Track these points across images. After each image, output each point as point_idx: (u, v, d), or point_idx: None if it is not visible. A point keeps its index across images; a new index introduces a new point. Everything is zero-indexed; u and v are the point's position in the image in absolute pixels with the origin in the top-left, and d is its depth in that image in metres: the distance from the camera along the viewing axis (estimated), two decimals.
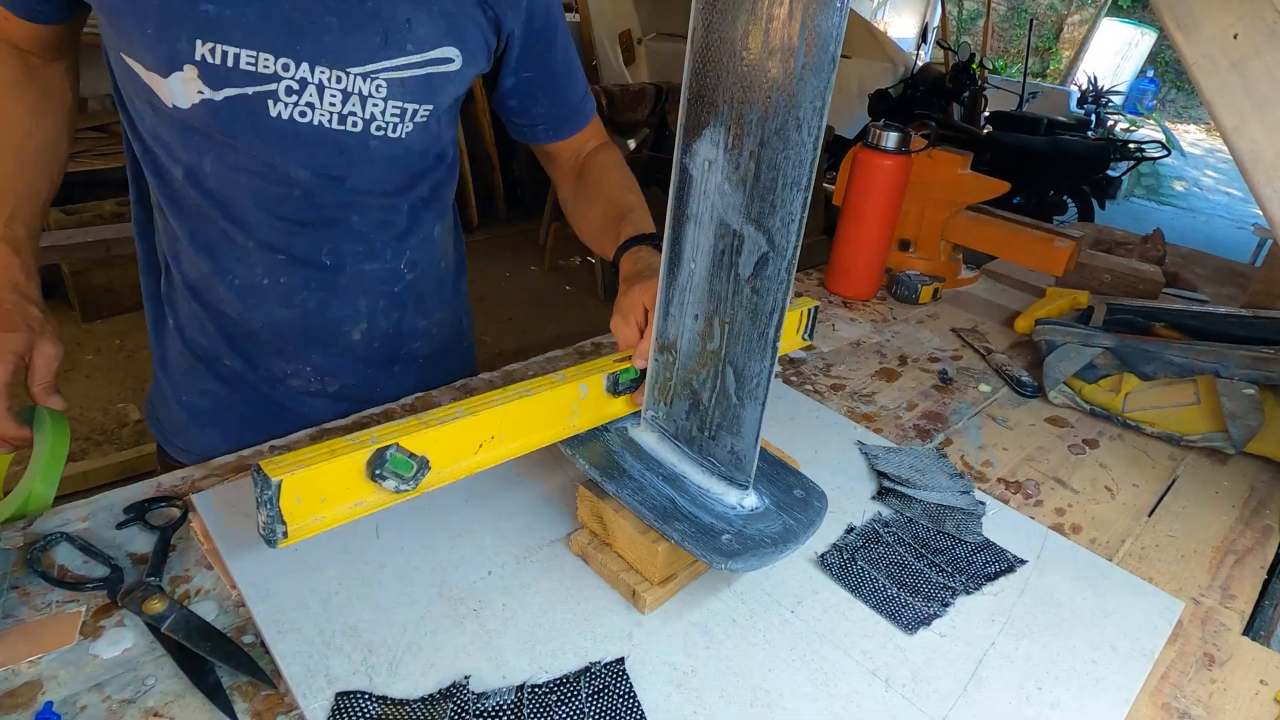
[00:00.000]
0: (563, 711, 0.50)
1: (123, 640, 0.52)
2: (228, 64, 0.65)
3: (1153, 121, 8.07)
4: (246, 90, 0.67)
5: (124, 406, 2.35)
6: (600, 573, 0.62)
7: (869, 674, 0.56)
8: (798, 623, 0.59)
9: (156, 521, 0.62)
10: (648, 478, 0.63)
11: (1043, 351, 1.01)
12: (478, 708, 0.49)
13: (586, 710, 0.50)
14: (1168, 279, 1.38)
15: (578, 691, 0.51)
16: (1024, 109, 5.71)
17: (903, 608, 0.61)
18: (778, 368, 0.56)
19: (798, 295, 0.93)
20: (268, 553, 0.59)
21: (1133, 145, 4.92)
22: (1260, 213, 0.64)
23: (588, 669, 0.53)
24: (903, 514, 0.72)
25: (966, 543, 0.69)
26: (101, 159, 2.75)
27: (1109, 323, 1.10)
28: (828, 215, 3.73)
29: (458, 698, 0.50)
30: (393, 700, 0.49)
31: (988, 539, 0.70)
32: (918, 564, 0.66)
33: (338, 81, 0.69)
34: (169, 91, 0.66)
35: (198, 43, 0.63)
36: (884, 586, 0.63)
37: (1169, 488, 0.84)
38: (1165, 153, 4.76)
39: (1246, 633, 0.65)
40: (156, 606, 0.53)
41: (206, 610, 0.55)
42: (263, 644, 0.53)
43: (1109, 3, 9.82)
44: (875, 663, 0.56)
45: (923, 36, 6.69)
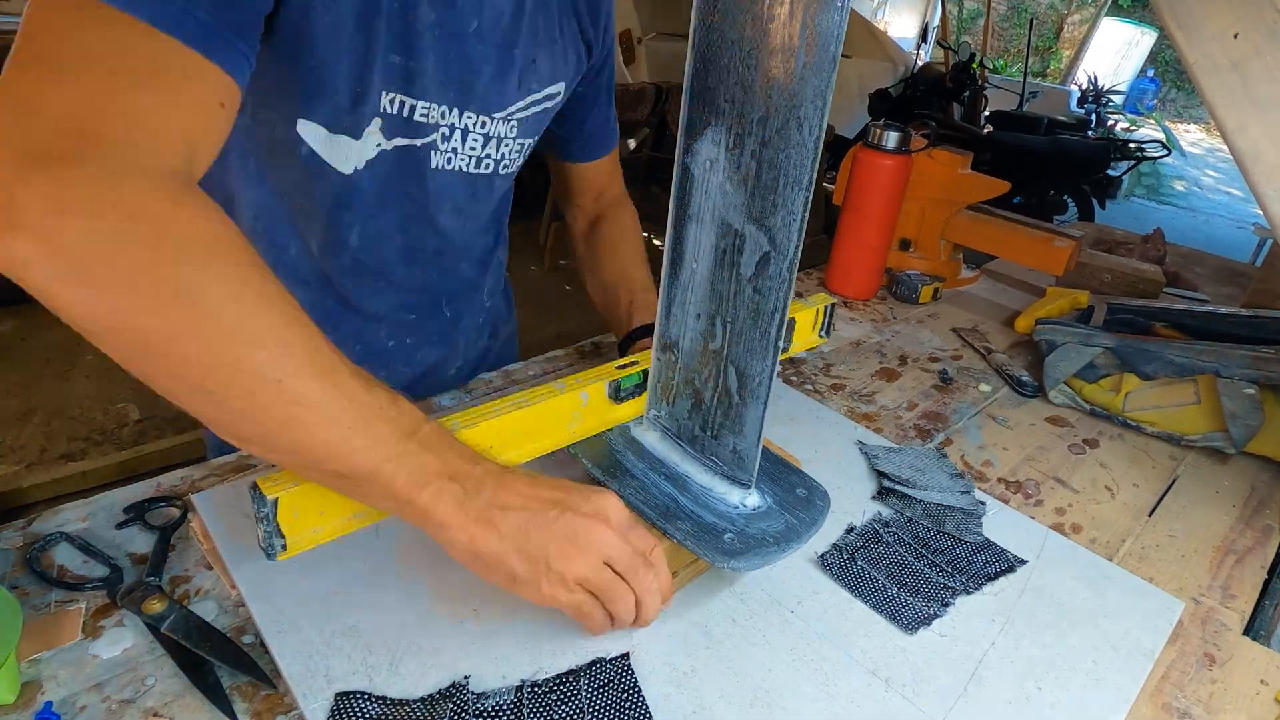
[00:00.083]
0: (563, 710, 0.50)
1: (122, 640, 0.52)
2: (404, 114, 0.63)
3: (1153, 121, 8.07)
4: (416, 141, 0.66)
5: (124, 406, 2.35)
6: None
7: (869, 674, 0.55)
8: (798, 622, 0.59)
9: (156, 521, 0.62)
10: (650, 477, 0.63)
11: (1043, 351, 1.01)
12: (478, 708, 0.49)
13: (587, 708, 0.50)
14: (1168, 279, 1.38)
15: (578, 690, 0.51)
16: (1024, 108, 5.71)
17: (903, 607, 0.61)
18: (778, 367, 0.56)
19: (799, 295, 0.93)
20: None
21: (1133, 145, 4.92)
22: (1260, 212, 0.64)
23: (593, 663, 0.53)
24: (903, 514, 0.72)
25: (967, 542, 0.69)
26: None
27: (1109, 322, 1.10)
28: (828, 215, 3.72)
29: (458, 698, 0.49)
30: (392, 700, 0.49)
31: (988, 539, 0.70)
32: (918, 564, 0.66)
33: (481, 126, 0.68)
34: (350, 153, 0.64)
35: (383, 94, 0.62)
36: (884, 586, 0.63)
37: (1169, 487, 0.84)
38: (1165, 152, 4.76)
39: (1247, 633, 0.65)
40: (156, 606, 0.53)
41: (206, 610, 0.55)
42: (262, 644, 0.53)
43: (1109, 2, 9.82)
44: (875, 662, 0.56)
45: (923, 36, 6.69)
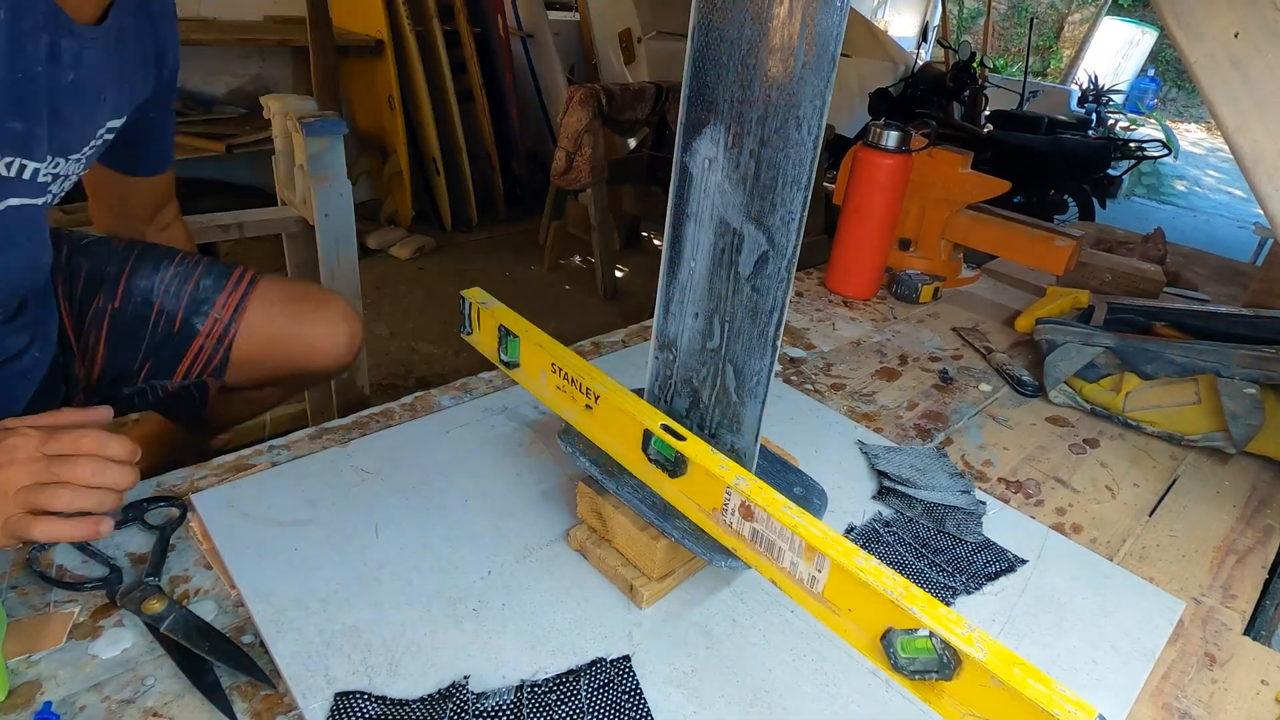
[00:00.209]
0: (563, 710, 0.50)
1: (122, 640, 0.52)
2: (21, 175, 0.63)
3: (1154, 121, 8.07)
4: (34, 201, 0.65)
5: None
6: (598, 567, 0.62)
7: (869, 673, 0.55)
8: (798, 622, 0.59)
9: (155, 521, 0.62)
10: None
11: (1043, 351, 1.01)
12: (477, 708, 0.49)
13: (587, 708, 0.50)
14: (1169, 278, 1.38)
15: (578, 690, 0.51)
16: (1024, 108, 5.70)
17: None
18: (778, 367, 0.56)
19: (798, 294, 0.93)
20: (267, 553, 0.59)
21: (1134, 144, 4.91)
22: (1261, 212, 0.64)
23: (593, 664, 0.53)
24: (903, 513, 0.72)
25: (967, 542, 0.69)
26: None
27: (1110, 322, 1.10)
28: (828, 214, 3.72)
29: (457, 698, 0.49)
30: (392, 700, 0.49)
31: (988, 539, 0.70)
32: (918, 563, 0.66)
33: (55, 166, 0.67)
34: None
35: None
36: None
37: (1170, 487, 0.83)
38: (1166, 152, 4.76)
39: (1247, 632, 0.65)
40: (155, 606, 0.53)
41: (205, 610, 0.55)
42: (262, 644, 0.53)
43: (1110, 1, 9.82)
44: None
45: (923, 35, 6.68)
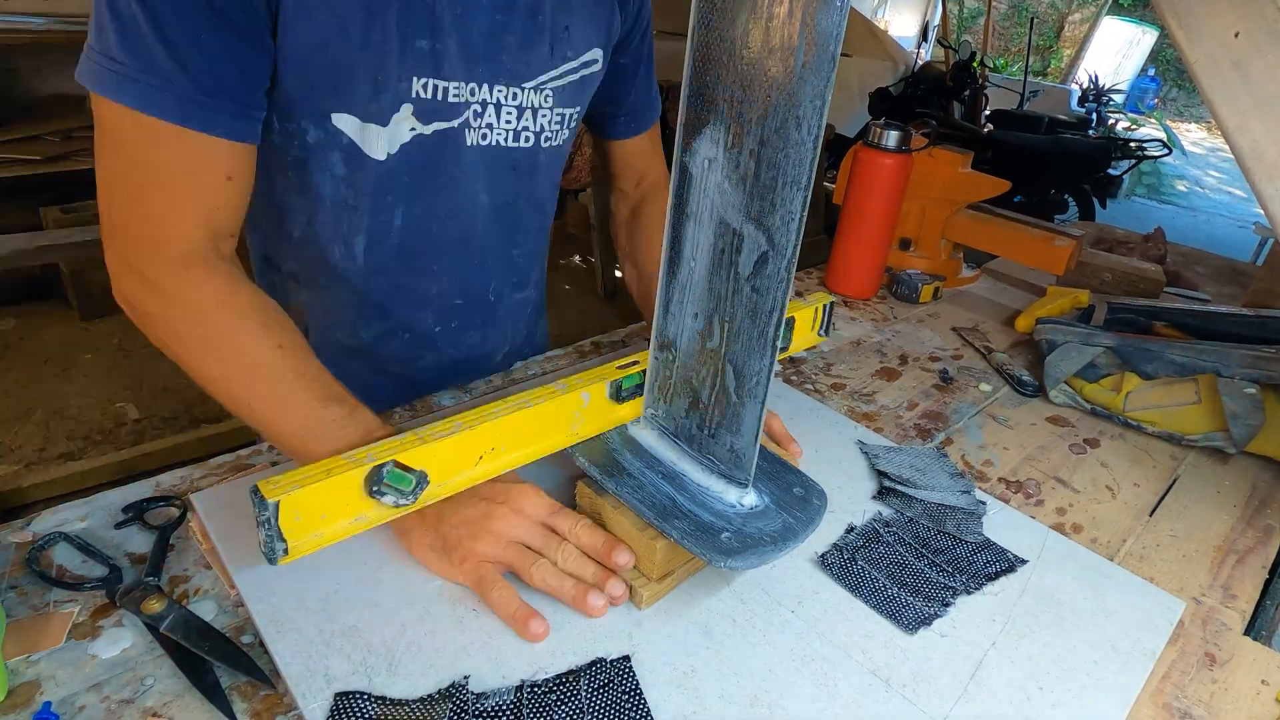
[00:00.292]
0: (563, 710, 0.50)
1: (121, 640, 0.52)
2: (437, 98, 0.65)
3: (1154, 120, 8.06)
4: (453, 123, 0.66)
5: (122, 406, 2.35)
6: None
7: (869, 674, 0.55)
8: (798, 623, 0.59)
9: (155, 521, 0.62)
10: (647, 475, 0.62)
11: (1043, 350, 1.01)
12: (477, 708, 0.49)
13: (587, 708, 0.50)
14: (1169, 278, 1.38)
15: (578, 690, 0.51)
16: (1025, 107, 5.70)
17: (903, 607, 0.61)
18: (778, 366, 0.56)
19: (799, 294, 0.93)
20: None
21: (1134, 144, 4.91)
22: (1261, 211, 0.64)
23: (593, 664, 0.53)
24: (903, 513, 0.72)
25: (967, 542, 0.69)
26: None
27: (1110, 322, 1.10)
28: (828, 214, 3.72)
29: (457, 698, 0.49)
30: (392, 700, 0.49)
31: (988, 539, 0.70)
32: (918, 564, 0.66)
33: (513, 99, 0.68)
34: (381, 141, 0.65)
35: (414, 80, 0.63)
36: (884, 586, 0.63)
37: (1170, 487, 0.83)
38: (1166, 151, 4.76)
39: (1248, 632, 0.64)
40: (155, 606, 0.53)
41: (205, 610, 0.55)
42: (261, 644, 0.53)
43: (1110, 1, 9.81)
44: (875, 662, 0.56)
45: (923, 35, 6.68)
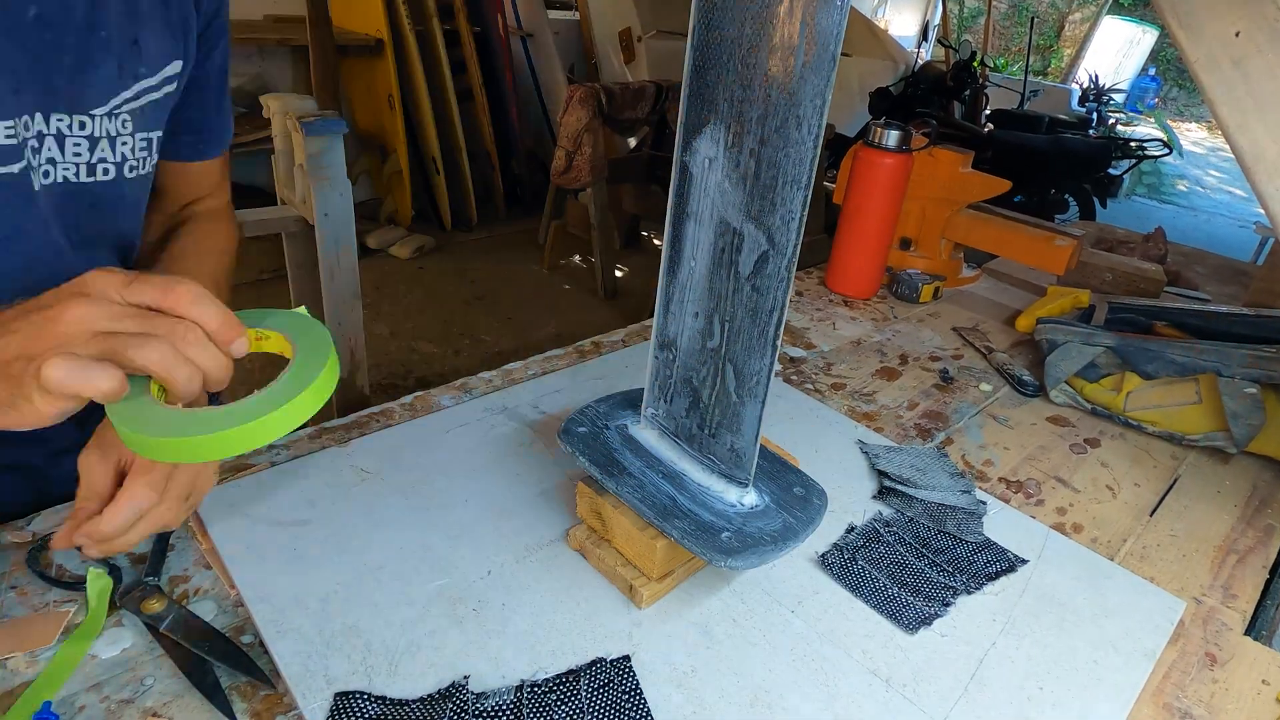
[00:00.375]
0: (563, 710, 0.50)
1: (121, 640, 0.52)
2: None
3: (1154, 120, 8.06)
4: (13, 168, 0.55)
5: None
6: (598, 567, 0.62)
7: (869, 674, 0.55)
8: (798, 622, 0.59)
9: None
10: (647, 475, 0.62)
11: (1044, 350, 1.01)
12: (477, 708, 0.49)
13: (587, 708, 0.50)
14: (1169, 278, 1.38)
15: (578, 690, 0.51)
16: (1025, 107, 5.70)
17: (904, 607, 0.61)
18: (778, 366, 0.56)
19: (798, 294, 0.93)
20: (266, 553, 0.59)
21: (1134, 144, 4.91)
22: (1262, 211, 0.64)
23: (593, 664, 0.53)
24: (904, 513, 0.72)
25: (967, 542, 0.69)
26: None
27: (1110, 321, 1.10)
28: (828, 214, 3.72)
29: (457, 698, 0.49)
30: (392, 700, 0.49)
31: (989, 538, 0.70)
32: (918, 563, 0.66)
33: (81, 128, 0.58)
34: None
35: None
36: (885, 586, 0.63)
37: (1170, 487, 0.83)
38: (1167, 151, 4.76)
39: (1248, 632, 0.64)
40: (155, 606, 0.53)
41: (205, 610, 0.55)
42: (261, 644, 0.53)
43: (1110, 1, 9.81)
44: (876, 662, 0.56)
45: (923, 34, 6.68)
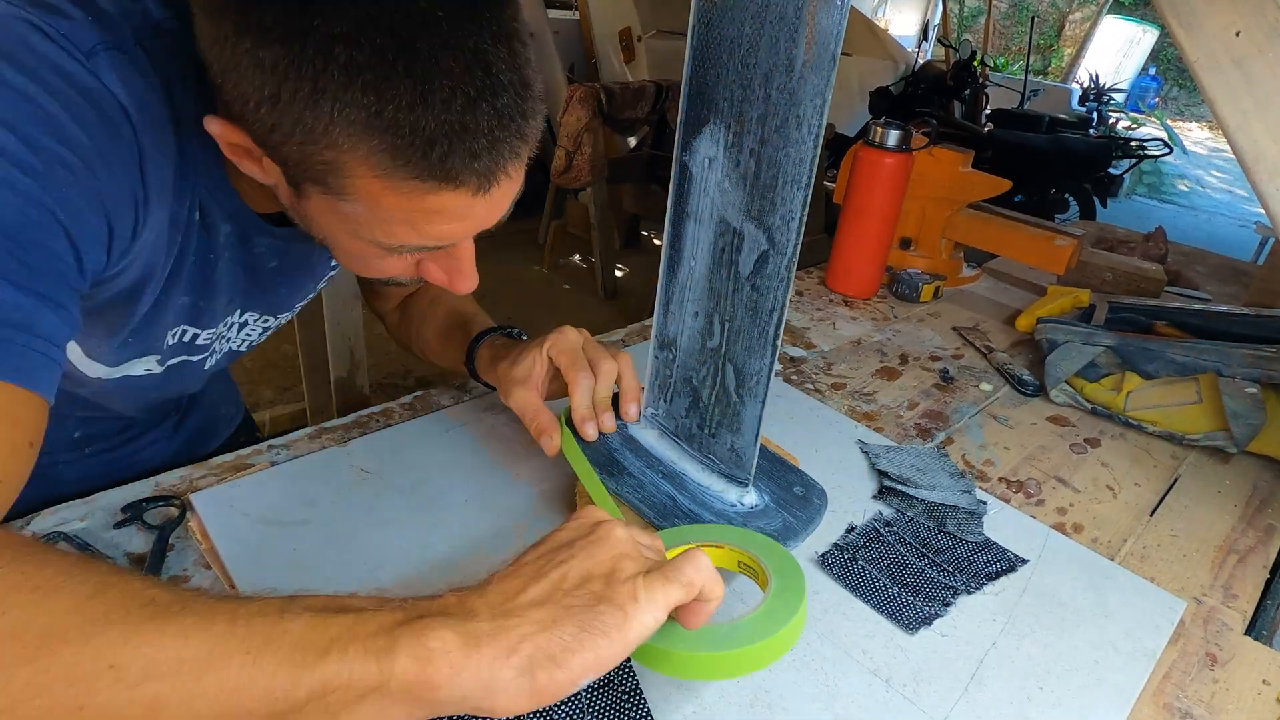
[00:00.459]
0: (563, 710, 0.50)
1: None
2: (184, 340, 0.63)
3: (1154, 119, 8.06)
4: (193, 358, 0.65)
5: None
6: None
7: (869, 673, 0.55)
8: None
9: (154, 521, 0.62)
10: (647, 475, 0.62)
11: (1044, 350, 1.01)
12: None
13: (587, 708, 0.50)
14: (1170, 277, 1.38)
15: (577, 690, 0.51)
16: (1025, 107, 5.70)
17: (904, 607, 0.61)
18: (778, 366, 0.56)
19: (799, 294, 0.93)
20: (266, 552, 0.59)
21: (1135, 143, 4.91)
22: (1263, 211, 0.64)
23: None
24: (904, 513, 0.72)
25: (968, 542, 0.69)
26: None
27: (1111, 321, 1.10)
28: (828, 213, 3.72)
29: None
30: None
31: (989, 538, 0.70)
32: (919, 563, 0.66)
33: (264, 322, 0.70)
34: (100, 370, 0.60)
35: (167, 334, 0.60)
36: (885, 586, 0.63)
37: (1171, 487, 0.83)
38: (1167, 151, 4.76)
39: (1249, 632, 0.64)
40: None
41: None
42: None
43: (1110, 0, 9.80)
44: (876, 662, 0.56)
45: (924, 34, 6.67)
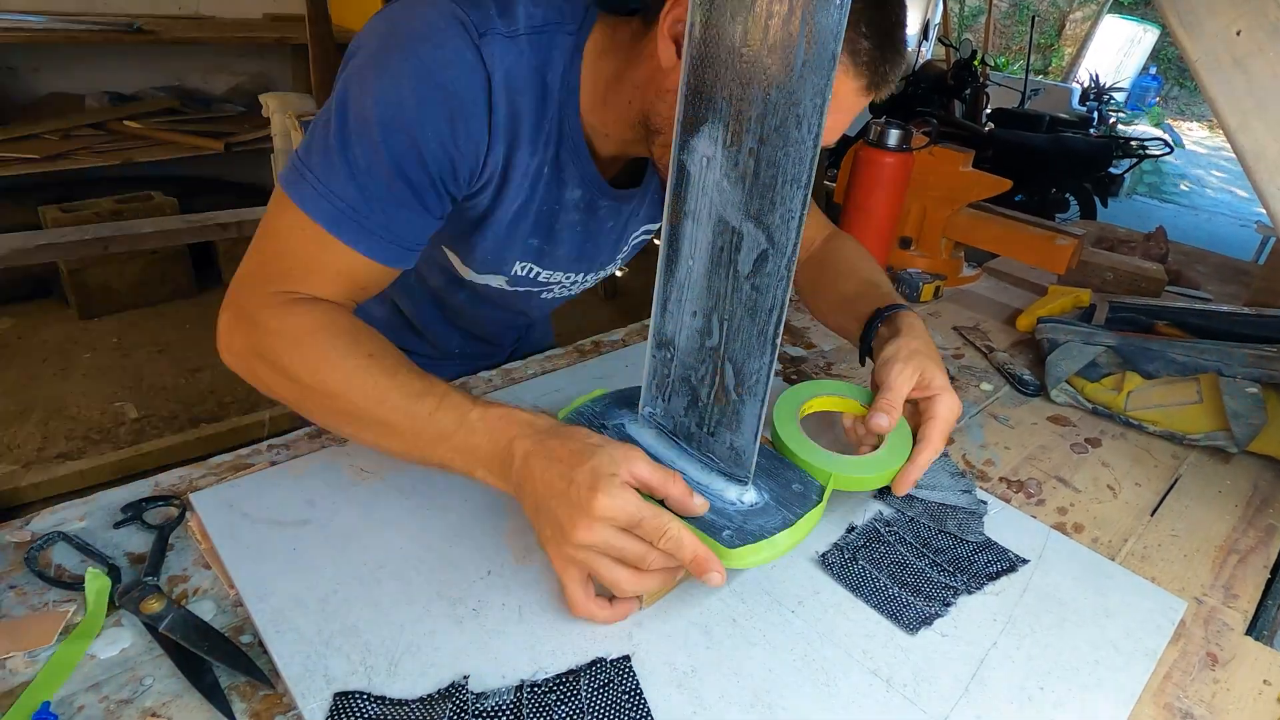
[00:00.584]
0: (563, 710, 0.50)
1: (120, 640, 0.52)
2: (529, 275, 0.80)
3: (1155, 119, 8.06)
4: (534, 289, 0.84)
5: (121, 405, 2.35)
6: None
7: (870, 674, 0.55)
8: (798, 623, 0.59)
9: (154, 521, 0.62)
10: None
11: (1045, 350, 1.01)
12: (477, 708, 0.49)
13: (587, 708, 0.50)
14: (1170, 277, 1.37)
15: (578, 690, 0.51)
16: (1026, 106, 5.69)
17: (904, 607, 0.61)
18: (778, 365, 0.56)
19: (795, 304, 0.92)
20: (266, 552, 0.59)
21: (1135, 143, 4.91)
22: (1263, 210, 0.64)
23: (593, 664, 0.53)
24: (904, 513, 0.71)
25: (968, 542, 0.69)
26: (99, 156, 2.74)
27: (1111, 321, 1.10)
28: (828, 213, 3.71)
29: (457, 698, 0.49)
30: (391, 700, 0.49)
31: (989, 538, 0.70)
32: (919, 563, 0.66)
33: (594, 276, 0.87)
34: (470, 275, 0.80)
35: (516, 263, 0.78)
36: (885, 586, 0.63)
37: (1171, 487, 0.83)
38: (1168, 150, 4.75)
39: (1249, 632, 0.64)
40: (154, 606, 0.53)
41: (204, 610, 0.55)
42: (261, 644, 0.53)
43: None
44: (876, 662, 0.56)
45: (924, 33, 6.66)
